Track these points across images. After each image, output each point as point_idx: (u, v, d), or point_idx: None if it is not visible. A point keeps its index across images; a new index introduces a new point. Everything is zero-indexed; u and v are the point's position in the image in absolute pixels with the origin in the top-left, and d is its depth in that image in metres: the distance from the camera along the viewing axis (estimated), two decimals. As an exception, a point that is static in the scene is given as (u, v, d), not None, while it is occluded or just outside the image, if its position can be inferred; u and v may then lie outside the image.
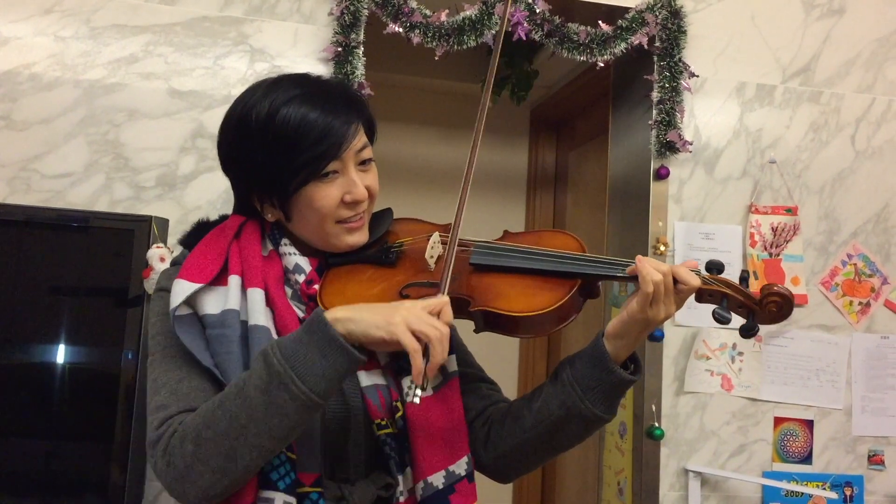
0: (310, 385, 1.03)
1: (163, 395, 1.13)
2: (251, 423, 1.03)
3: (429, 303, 1.09)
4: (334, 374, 1.04)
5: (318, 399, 1.04)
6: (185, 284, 1.16)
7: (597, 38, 2.29)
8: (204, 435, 1.05)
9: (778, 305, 1.17)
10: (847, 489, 2.40)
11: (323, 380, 1.03)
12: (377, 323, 1.05)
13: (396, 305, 1.08)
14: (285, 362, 1.03)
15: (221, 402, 1.06)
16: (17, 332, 1.83)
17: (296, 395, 1.02)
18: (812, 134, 2.50)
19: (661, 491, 2.31)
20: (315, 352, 1.03)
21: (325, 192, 1.20)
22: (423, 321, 1.06)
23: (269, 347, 1.06)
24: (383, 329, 1.04)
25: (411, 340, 1.04)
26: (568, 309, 1.18)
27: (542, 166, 3.74)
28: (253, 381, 1.04)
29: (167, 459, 1.08)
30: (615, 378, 1.19)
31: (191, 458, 1.05)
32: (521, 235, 1.32)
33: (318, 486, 1.14)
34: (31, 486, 1.78)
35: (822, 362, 2.41)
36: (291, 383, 1.02)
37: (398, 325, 1.04)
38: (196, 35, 2.14)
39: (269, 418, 1.03)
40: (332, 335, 1.04)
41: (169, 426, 1.09)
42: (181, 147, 2.10)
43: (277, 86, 1.22)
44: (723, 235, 2.40)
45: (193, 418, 1.08)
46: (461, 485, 1.22)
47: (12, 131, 2.01)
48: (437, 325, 1.06)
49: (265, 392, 1.03)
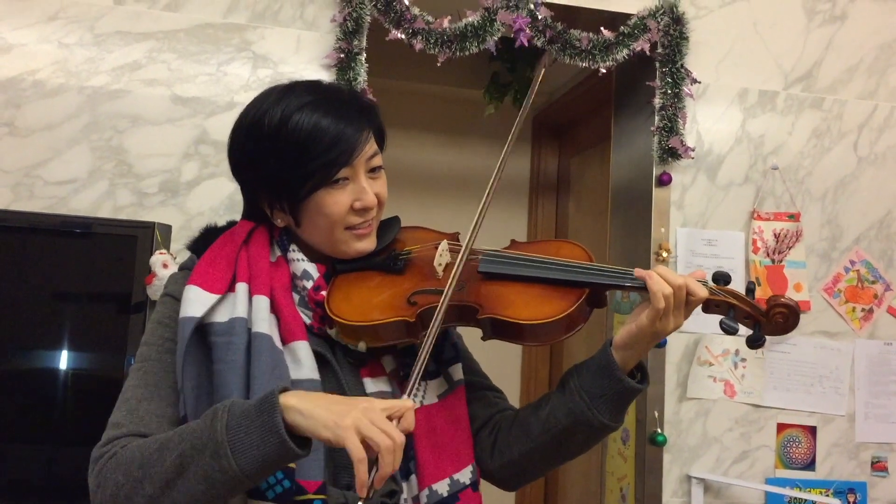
0: (241, 464, 0.99)
1: (121, 413, 1.13)
2: (180, 479, 1.01)
3: (391, 405, 1.02)
4: (268, 461, 1.00)
5: (246, 480, 1.01)
6: (199, 293, 1.16)
7: (599, 44, 2.29)
8: (135, 473, 1.04)
9: (784, 317, 1.17)
10: (850, 496, 2.39)
11: (255, 463, 0.99)
12: (326, 423, 0.98)
13: (353, 404, 1.01)
14: (226, 433, 1.00)
15: (161, 446, 1.04)
16: (21, 337, 1.83)
17: (225, 469, 0.99)
18: (814, 140, 2.50)
19: (664, 497, 2.31)
20: (256, 434, 0.99)
21: (335, 198, 1.20)
22: (377, 427, 0.98)
23: (221, 409, 1.03)
24: (331, 431, 0.98)
25: (357, 449, 0.96)
26: (576, 318, 1.19)
27: (545, 172, 3.74)
28: (194, 438, 1.02)
29: (98, 480, 1.07)
30: (622, 387, 1.19)
31: (118, 488, 1.04)
32: (528, 244, 1.32)
33: (321, 494, 1.13)
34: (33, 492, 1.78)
35: (826, 369, 2.41)
36: (224, 457, 0.99)
37: (347, 429, 0.97)
38: (199, 42, 2.14)
39: (197, 482, 1.01)
40: (275, 424, 0.99)
41: (113, 447, 1.08)
42: (184, 153, 2.11)
43: (290, 92, 1.22)
44: (725, 242, 2.40)
45: (132, 450, 1.06)
46: (465, 493, 1.22)
47: (16, 138, 2.02)
48: (391, 433, 0.98)
49: (200, 454, 1.01)
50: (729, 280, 1.20)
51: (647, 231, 2.39)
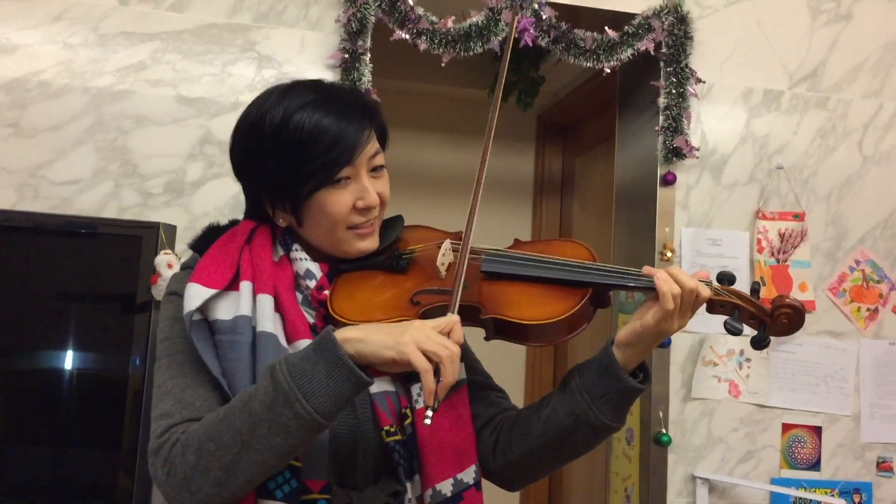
0: (314, 405, 1.01)
1: (167, 403, 1.13)
2: (254, 438, 1.02)
3: (439, 322, 1.07)
4: (340, 396, 1.03)
5: (322, 420, 1.03)
6: (199, 289, 1.16)
7: (603, 44, 2.29)
8: (206, 447, 1.04)
9: (789, 317, 1.16)
10: (856, 496, 2.39)
11: (328, 400, 1.02)
12: (387, 343, 1.03)
13: (406, 325, 1.07)
14: (292, 380, 1.02)
15: (226, 414, 1.05)
16: (26, 338, 1.83)
17: (300, 414, 1.01)
18: (819, 139, 2.49)
19: (669, 498, 2.30)
20: (322, 372, 1.02)
21: (337, 197, 1.20)
22: (434, 340, 1.04)
23: (276, 363, 1.05)
24: (393, 349, 1.03)
25: (422, 360, 1.02)
26: (579, 318, 1.18)
27: (549, 172, 3.74)
28: (259, 396, 1.03)
29: (167, 469, 1.07)
30: (624, 386, 1.19)
31: (191, 468, 1.05)
32: (531, 244, 1.32)
33: (326, 493, 1.14)
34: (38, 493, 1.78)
35: (831, 368, 2.41)
36: (297, 402, 1.01)
37: (408, 344, 1.02)
38: (204, 42, 2.15)
39: (273, 435, 1.02)
40: (339, 356, 1.03)
41: (171, 435, 1.09)
42: (189, 154, 2.11)
43: (291, 91, 1.22)
44: (730, 241, 2.40)
45: (196, 429, 1.07)
46: (469, 493, 1.22)
47: (21, 138, 2.02)
48: (447, 345, 1.04)
49: (270, 408, 1.02)
50: (734, 280, 1.19)
51: (652, 231, 2.38)
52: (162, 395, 1.14)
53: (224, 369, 1.14)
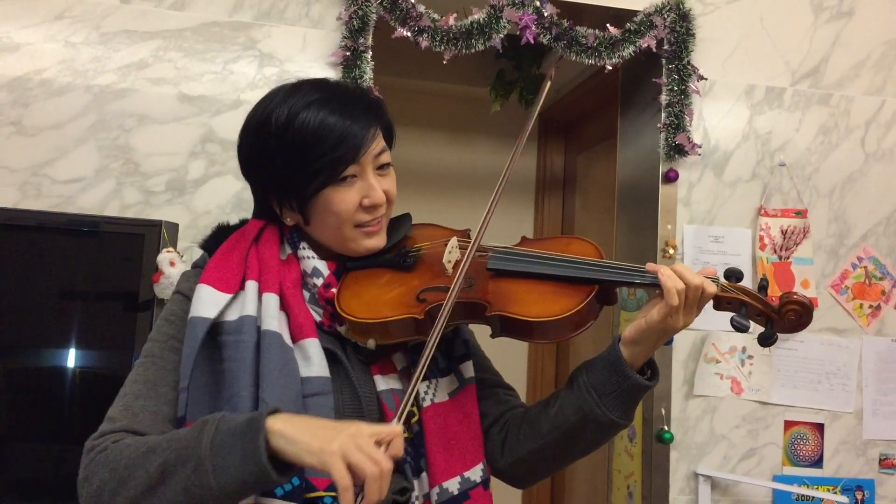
0: (220, 483, 0.99)
1: (117, 407, 1.13)
2: (160, 486, 1.02)
3: (379, 431, 1.00)
4: (246, 484, 0.99)
5: (224, 498, 1.01)
6: (212, 292, 1.16)
7: (605, 41, 2.29)
8: (120, 472, 1.04)
9: (797, 314, 1.16)
10: (858, 493, 2.38)
11: (234, 484, 0.99)
12: (311, 449, 0.97)
13: (343, 428, 0.99)
14: (210, 450, 1.00)
15: (149, 450, 1.04)
16: (29, 336, 1.84)
17: (205, 485, 1.00)
18: (822, 136, 2.49)
19: (671, 495, 2.30)
20: (237, 456, 0.99)
21: (343, 195, 1.20)
22: (363, 453, 0.95)
23: (210, 422, 1.03)
24: (316, 457, 0.96)
25: (342, 476, 0.94)
26: (585, 315, 1.18)
27: (551, 170, 3.73)
28: (180, 448, 1.02)
29: (86, 473, 1.07)
30: (631, 383, 1.19)
31: (103, 484, 1.05)
32: (538, 241, 1.32)
33: (331, 491, 1.14)
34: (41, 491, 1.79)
35: (833, 366, 2.40)
36: (204, 474, 0.99)
37: (333, 454, 0.95)
38: (205, 40, 2.15)
39: (176, 493, 1.01)
40: (256, 449, 0.98)
41: (104, 441, 1.09)
42: (191, 152, 2.11)
43: (297, 90, 1.22)
44: (732, 238, 2.40)
45: (123, 449, 1.06)
46: (476, 491, 1.22)
47: (23, 137, 2.02)
48: (378, 460, 0.95)
49: (184, 465, 1.01)
50: (741, 277, 1.19)
51: (654, 228, 2.38)
52: (120, 395, 1.16)
53: (226, 369, 1.14)
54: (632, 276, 1.19)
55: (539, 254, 1.25)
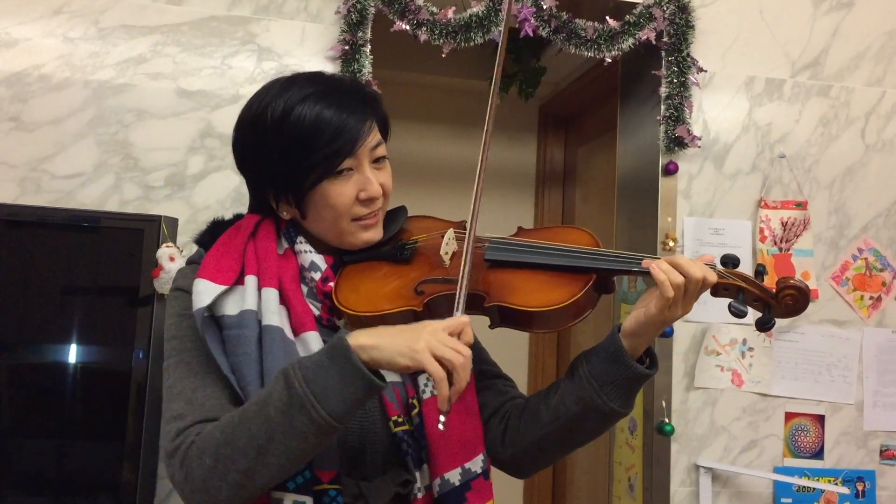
0: (329, 411, 1.02)
1: (178, 405, 1.13)
2: (270, 443, 1.03)
3: (449, 323, 1.07)
4: (354, 401, 1.03)
5: (337, 424, 1.03)
6: (209, 285, 1.16)
7: (604, 33, 2.28)
8: (222, 451, 1.04)
9: (794, 298, 1.16)
10: (859, 484, 2.39)
11: (343, 406, 1.02)
12: (401, 350, 1.03)
13: (419, 329, 1.06)
14: (306, 386, 1.02)
15: (241, 419, 1.05)
16: (29, 332, 1.84)
17: (315, 420, 1.02)
18: (822, 128, 2.49)
19: (672, 487, 2.31)
20: (336, 378, 1.02)
21: (339, 189, 1.20)
22: (447, 346, 1.03)
23: (290, 368, 1.04)
24: (408, 356, 1.02)
25: (437, 368, 1.02)
26: (583, 304, 1.18)
27: (551, 163, 3.73)
28: (273, 402, 1.03)
29: (185, 472, 1.07)
30: (631, 372, 1.20)
31: (209, 472, 1.05)
32: (534, 231, 1.32)
33: (335, 484, 1.14)
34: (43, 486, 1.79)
35: (834, 357, 2.41)
36: (311, 408, 1.01)
37: (422, 352, 1.02)
38: (204, 35, 2.14)
39: (288, 440, 1.02)
40: (354, 363, 1.02)
41: (186, 437, 1.09)
42: (190, 147, 2.11)
43: (292, 84, 1.22)
44: (732, 231, 2.40)
45: (212, 432, 1.07)
46: (477, 482, 1.23)
47: (22, 132, 2.02)
48: (460, 350, 1.04)
49: (285, 414, 1.02)
50: (738, 263, 1.19)
51: (654, 220, 2.38)
52: (173, 396, 1.14)
53: (232, 364, 1.14)
54: (629, 265, 1.19)
55: (536, 244, 1.25)
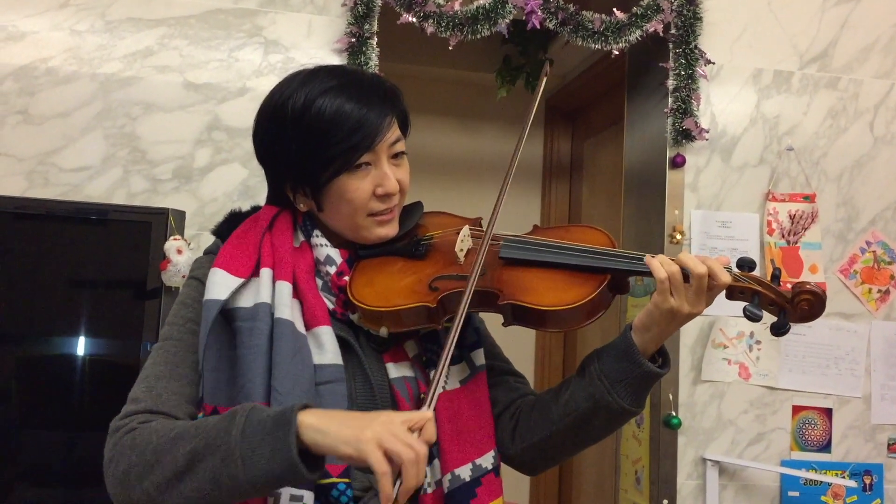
0: (248, 475, 0.99)
1: (140, 388, 1.14)
2: (188, 474, 1.02)
3: (411, 417, 1.00)
4: (275, 478, 1.00)
5: (252, 490, 1.01)
6: (226, 276, 1.17)
7: (611, 25, 2.28)
8: (147, 457, 1.05)
9: (810, 304, 1.15)
10: (866, 477, 2.39)
11: (262, 477, 0.99)
12: (346, 439, 0.97)
13: (374, 416, 1.00)
14: (240, 441, 1.00)
15: (177, 436, 1.05)
16: (38, 324, 1.84)
17: (233, 476, 1.00)
18: (830, 120, 2.47)
19: (679, 480, 2.31)
20: (267, 449, 0.99)
21: (357, 184, 1.20)
22: (398, 439, 0.96)
23: (240, 414, 1.02)
24: (351, 446, 0.96)
25: (381, 462, 0.94)
26: (597, 304, 1.18)
27: (558, 156, 3.73)
28: (208, 437, 1.03)
29: (112, 454, 1.08)
30: (643, 371, 1.19)
31: (130, 468, 1.05)
32: (550, 230, 1.32)
33: (345, 477, 1.14)
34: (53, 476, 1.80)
35: (841, 350, 2.40)
36: (233, 465, 0.99)
37: (368, 442, 0.95)
38: (210, 28, 2.14)
39: (204, 481, 1.01)
40: (287, 444, 0.98)
41: (130, 421, 1.09)
42: (197, 140, 2.11)
43: (313, 77, 1.21)
44: (740, 224, 2.39)
45: (149, 433, 1.07)
46: (487, 478, 1.22)
47: (30, 125, 2.03)
48: (413, 445, 0.96)
49: (212, 454, 1.01)
50: (754, 266, 1.18)
51: (661, 214, 2.37)
52: (142, 377, 1.16)
53: (240, 356, 1.14)
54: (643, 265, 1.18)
55: (551, 242, 1.25)
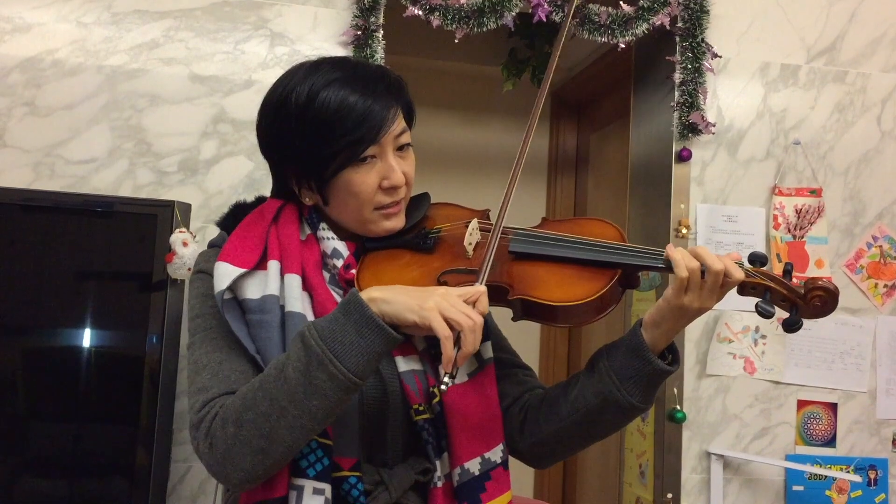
0: (348, 365, 1.02)
1: (204, 377, 1.13)
2: (291, 404, 1.03)
3: (466, 291, 1.08)
4: (372, 354, 1.04)
5: (356, 379, 1.03)
6: (228, 268, 1.16)
7: (618, 18, 2.27)
8: (245, 417, 1.05)
9: (822, 300, 1.14)
10: (871, 472, 2.38)
11: (361, 359, 1.03)
12: (410, 307, 1.04)
13: (432, 290, 1.07)
14: (323, 343, 1.03)
15: (261, 384, 1.06)
16: (44, 316, 1.85)
17: (334, 375, 1.02)
18: (837, 114, 2.46)
19: (683, 474, 2.31)
20: (352, 332, 1.03)
21: (362, 177, 1.19)
22: (457, 309, 1.04)
23: (306, 329, 1.05)
24: (416, 313, 1.03)
25: (443, 327, 1.02)
26: (608, 299, 1.17)
27: (564, 149, 3.72)
28: (291, 363, 1.04)
29: (209, 442, 1.08)
30: (652, 368, 1.19)
31: (232, 440, 1.06)
32: (559, 223, 1.30)
33: (356, 471, 1.14)
34: (59, 469, 1.80)
35: (847, 345, 2.40)
36: (330, 364, 1.02)
37: (431, 310, 1.03)
38: (216, 20, 2.14)
39: (309, 399, 1.03)
40: (368, 315, 1.03)
41: (210, 408, 1.10)
42: (202, 132, 2.11)
43: (317, 68, 1.21)
44: (746, 218, 2.38)
45: (234, 401, 1.08)
46: (496, 472, 1.23)
47: (36, 117, 2.03)
48: (470, 314, 1.04)
49: (304, 373, 1.03)
50: (765, 261, 1.17)
51: (667, 208, 2.37)
52: (198, 369, 1.15)
53: (257, 348, 1.14)
54: (655, 260, 1.18)
55: (561, 237, 1.24)
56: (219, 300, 1.14)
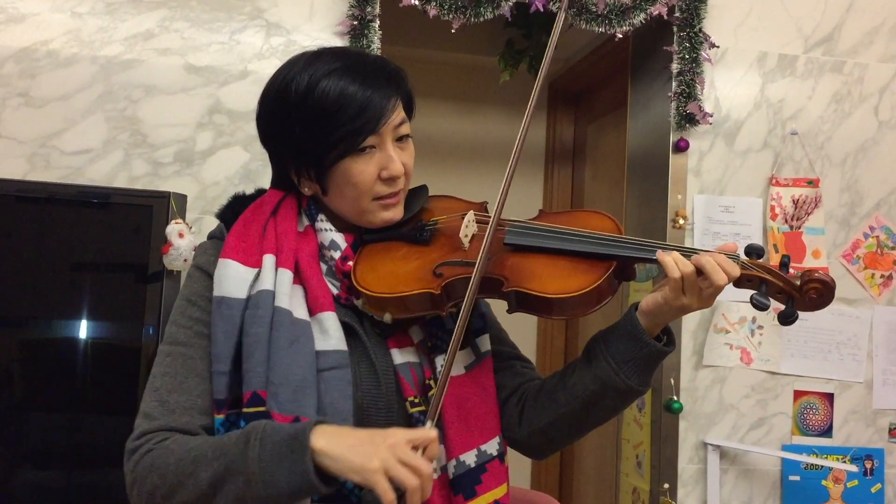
0: (271, 493, 1.02)
1: (152, 403, 1.14)
2: (215, 496, 1.05)
3: (415, 436, 1.03)
4: (297, 496, 1.03)
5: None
6: (239, 268, 1.17)
7: (615, 8, 2.26)
8: (170, 479, 1.06)
9: (818, 292, 1.13)
10: (867, 462, 2.39)
11: (284, 496, 1.03)
12: (354, 467, 1.00)
13: (380, 442, 1.02)
14: (258, 464, 1.02)
15: (196, 459, 1.06)
16: (40, 307, 1.85)
17: (257, 496, 1.03)
18: (834, 105, 2.46)
19: (680, 464, 2.31)
20: (286, 472, 1.02)
21: (362, 167, 1.19)
22: (403, 466, 0.99)
23: (253, 437, 1.05)
24: (359, 474, 1.00)
25: (386, 491, 0.98)
26: (603, 291, 1.17)
27: (561, 140, 3.71)
28: (227, 461, 1.05)
29: (134, 476, 1.10)
30: (649, 350, 1.19)
31: (154, 488, 1.07)
32: (556, 215, 1.30)
33: None
34: (55, 459, 1.81)
35: (843, 335, 2.40)
36: (255, 486, 1.02)
37: (376, 472, 0.99)
38: (212, 10, 2.13)
39: (230, 501, 1.04)
40: (304, 469, 1.01)
41: (147, 441, 1.10)
42: (198, 123, 2.10)
43: (318, 58, 1.20)
44: (743, 208, 2.38)
45: (167, 454, 1.08)
46: (493, 464, 1.22)
47: (31, 108, 2.02)
48: (419, 468, 0.99)
49: (233, 477, 1.03)
50: (762, 254, 1.17)
51: (664, 198, 2.37)
52: (151, 388, 1.16)
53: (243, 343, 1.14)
54: (650, 253, 1.17)
55: (557, 229, 1.23)
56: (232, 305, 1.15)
